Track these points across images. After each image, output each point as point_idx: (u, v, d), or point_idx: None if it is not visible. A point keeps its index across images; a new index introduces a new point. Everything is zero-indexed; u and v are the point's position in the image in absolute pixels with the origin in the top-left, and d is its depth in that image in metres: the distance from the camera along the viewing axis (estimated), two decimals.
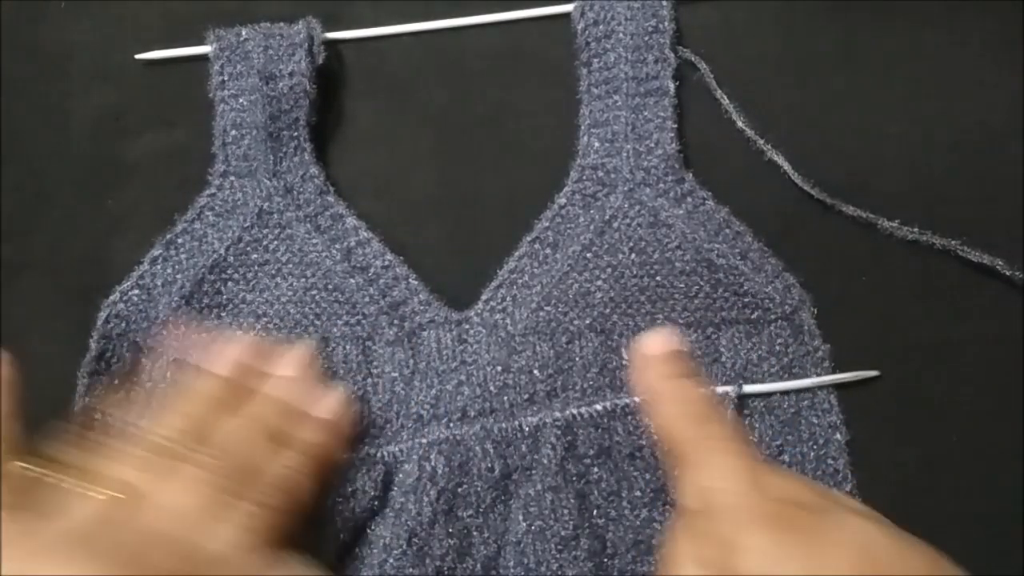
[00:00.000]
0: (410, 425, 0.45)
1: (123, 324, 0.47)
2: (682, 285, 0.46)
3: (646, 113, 0.48)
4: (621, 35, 0.48)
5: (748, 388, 0.44)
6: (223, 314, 0.47)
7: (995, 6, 0.49)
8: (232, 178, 0.49)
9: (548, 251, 0.47)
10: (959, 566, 0.37)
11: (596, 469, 0.43)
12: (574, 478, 0.43)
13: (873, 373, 0.44)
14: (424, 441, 0.44)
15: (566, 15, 0.50)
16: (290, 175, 0.49)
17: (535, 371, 0.45)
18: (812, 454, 0.43)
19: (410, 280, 0.47)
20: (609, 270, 0.46)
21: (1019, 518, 0.43)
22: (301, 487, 0.39)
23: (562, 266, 0.46)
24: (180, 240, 0.48)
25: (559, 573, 0.41)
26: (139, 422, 0.39)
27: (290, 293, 0.47)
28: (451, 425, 0.44)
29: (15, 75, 0.52)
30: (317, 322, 0.47)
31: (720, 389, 0.43)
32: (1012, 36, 0.49)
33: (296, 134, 0.49)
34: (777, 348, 0.45)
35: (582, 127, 0.48)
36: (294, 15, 0.50)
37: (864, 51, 0.50)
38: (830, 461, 0.43)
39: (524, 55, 0.51)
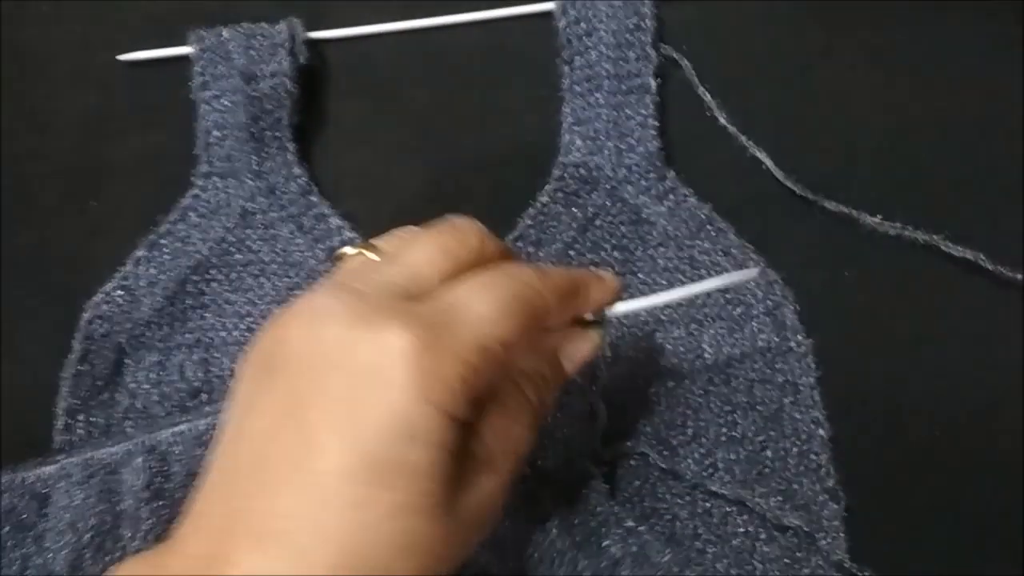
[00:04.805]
0: None
1: (107, 325, 0.46)
2: (664, 282, 0.46)
3: (628, 111, 0.48)
4: (603, 33, 0.48)
5: (620, 307, 0.36)
6: (207, 314, 0.47)
7: (989, 6, 0.49)
8: (215, 179, 0.49)
9: (531, 249, 0.47)
10: (958, 566, 0.36)
11: None
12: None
13: (755, 272, 0.40)
14: None
15: (548, 13, 0.50)
16: (273, 175, 0.49)
17: None
18: (795, 449, 0.43)
19: None
20: (591, 268, 0.46)
21: (1018, 518, 0.42)
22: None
23: (545, 264, 0.46)
24: (163, 241, 0.48)
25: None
26: None
27: (274, 293, 0.47)
28: None
29: None
30: None
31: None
32: (1011, 34, 0.49)
33: (279, 134, 0.49)
34: (760, 344, 0.45)
35: (564, 125, 0.48)
36: (276, 15, 0.50)
37: (846, 48, 0.50)
38: (812, 456, 0.43)
39: (507, 53, 0.51)
